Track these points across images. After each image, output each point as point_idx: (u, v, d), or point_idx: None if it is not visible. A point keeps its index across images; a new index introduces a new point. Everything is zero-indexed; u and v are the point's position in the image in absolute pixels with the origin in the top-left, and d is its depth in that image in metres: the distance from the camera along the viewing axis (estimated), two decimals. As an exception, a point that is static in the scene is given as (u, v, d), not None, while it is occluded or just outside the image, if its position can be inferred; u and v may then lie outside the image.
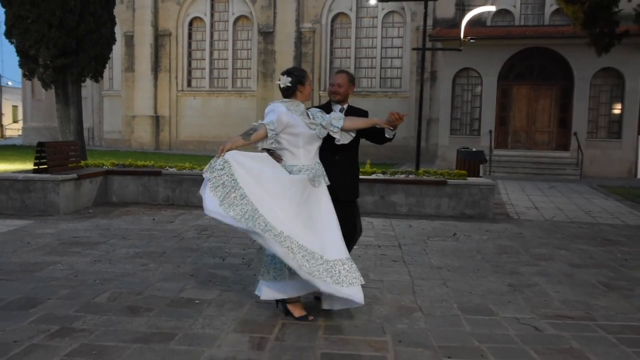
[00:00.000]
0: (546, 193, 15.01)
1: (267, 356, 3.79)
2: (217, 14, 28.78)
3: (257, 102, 27.87)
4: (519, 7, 25.22)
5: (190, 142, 28.60)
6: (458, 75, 22.99)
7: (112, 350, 3.81)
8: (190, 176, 10.77)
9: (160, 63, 28.94)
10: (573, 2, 12.79)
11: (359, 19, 27.15)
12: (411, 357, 3.85)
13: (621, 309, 5.12)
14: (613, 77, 21.85)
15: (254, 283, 5.54)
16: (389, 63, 26.89)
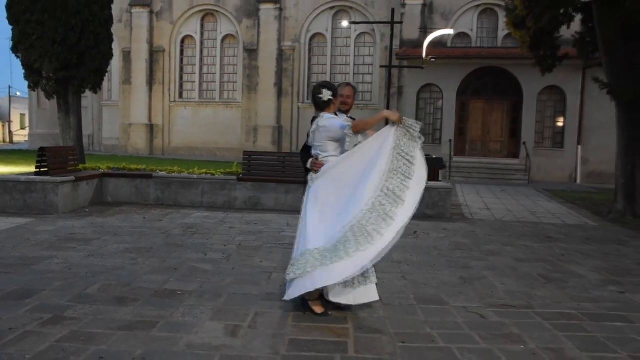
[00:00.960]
0: (498, 196, 15.15)
1: (239, 342, 3.76)
2: (206, 32, 28.62)
3: (242, 113, 27.78)
4: (475, 30, 25.46)
5: (181, 148, 28.37)
6: (422, 90, 23.16)
7: (99, 336, 3.75)
8: (178, 179, 10.69)
9: (154, 76, 28.70)
10: (521, 27, 12.92)
11: (334, 39, 27.17)
12: (369, 343, 3.85)
13: (556, 298, 5.18)
14: (557, 94, 22.18)
15: (232, 275, 5.53)
16: (361, 78, 26.94)
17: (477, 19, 25.48)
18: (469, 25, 25.46)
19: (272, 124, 27.27)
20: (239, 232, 8.00)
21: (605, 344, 4.02)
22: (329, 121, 4.49)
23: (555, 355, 3.77)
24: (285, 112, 27.31)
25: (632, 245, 8.32)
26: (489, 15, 25.29)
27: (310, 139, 4.73)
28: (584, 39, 12.99)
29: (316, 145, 4.62)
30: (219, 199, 10.61)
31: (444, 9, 25.30)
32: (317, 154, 4.62)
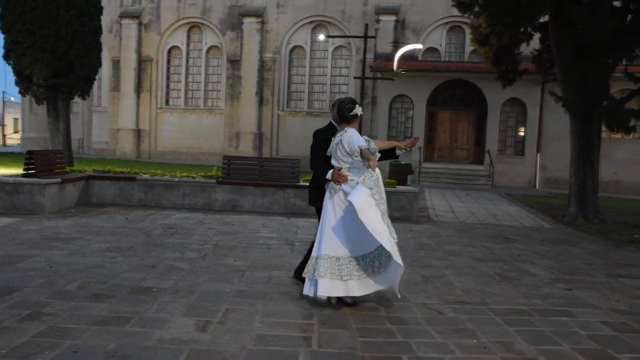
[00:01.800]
0: (462, 199, 15.28)
1: (208, 337, 3.73)
2: (192, 43, 28.45)
3: (225, 119, 27.65)
4: (444, 45, 25.76)
5: (167, 152, 28.13)
6: (394, 101, 23.27)
7: (74, 331, 3.69)
8: (161, 181, 10.59)
9: (142, 84, 28.43)
10: (484, 44, 13.08)
11: (312, 51, 27.21)
12: (332, 337, 3.85)
13: (510, 295, 5.24)
14: (518, 106, 22.48)
15: (207, 273, 5.49)
16: (337, 89, 27.00)
17: (446, 35, 25.78)
18: (438, 40, 25.73)
19: (254, 131, 27.20)
20: (217, 232, 7.95)
21: (551, 337, 4.07)
22: (355, 137, 4.47)
23: (504, 348, 3.81)
24: (266, 120, 27.26)
25: (581, 246, 8.46)
26: (457, 32, 25.58)
27: (332, 150, 4.62)
28: (542, 55, 13.20)
29: (339, 158, 4.55)
30: (199, 201, 10.53)
31: (415, 25, 25.55)
32: (339, 166, 4.56)
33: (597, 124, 11.86)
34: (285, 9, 26.93)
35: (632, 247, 8.65)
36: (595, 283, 5.94)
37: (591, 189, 11.85)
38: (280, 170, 10.88)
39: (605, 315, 4.70)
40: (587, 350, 3.83)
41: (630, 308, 4.97)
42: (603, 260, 7.33)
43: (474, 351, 3.72)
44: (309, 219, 9.66)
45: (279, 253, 6.68)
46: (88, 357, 3.30)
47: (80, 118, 29.35)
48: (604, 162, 17.54)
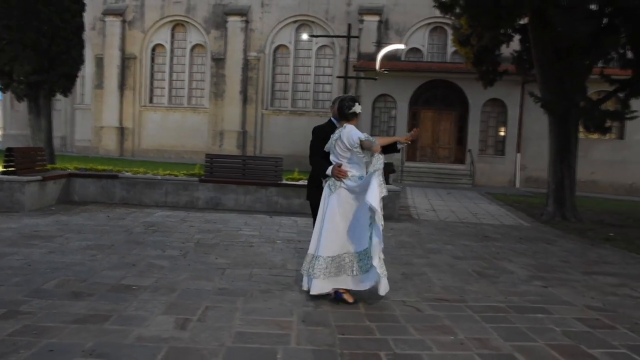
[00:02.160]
0: (444, 198, 15.37)
1: (187, 335, 3.71)
2: (176, 41, 28.25)
3: (209, 118, 27.51)
4: (426, 46, 25.90)
5: (151, 150, 27.89)
6: (377, 100, 23.34)
7: (51, 330, 3.64)
8: (143, 179, 10.51)
9: (126, 82, 28.15)
10: (465, 45, 13.17)
11: (296, 50, 27.18)
12: (311, 334, 3.84)
13: (487, 292, 5.28)
14: (499, 106, 22.68)
15: (188, 271, 5.45)
16: (321, 88, 27.02)
17: (429, 35, 25.92)
18: (420, 41, 25.86)
19: (238, 129, 27.09)
20: (198, 230, 7.91)
21: (526, 333, 4.11)
22: (354, 132, 4.52)
23: (481, 344, 3.84)
24: (250, 118, 27.17)
25: (558, 244, 8.56)
26: (439, 32, 25.73)
27: (330, 146, 4.66)
28: (522, 57, 13.32)
29: (338, 154, 4.59)
30: (181, 199, 10.47)
31: (398, 25, 25.63)
32: (339, 162, 4.59)
33: (574, 125, 12.01)
34: (269, 8, 26.86)
35: (607, 245, 8.78)
36: (570, 280, 6.01)
37: (569, 188, 12.00)
38: (263, 168, 10.86)
39: (579, 312, 4.75)
40: (561, 346, 3.88)
41: (604, 304, 5.04)
42: (579, 258, 7.42)
43: (450, 348, 3.75)
44: (292, 217, 9.67)
45: (260, 251, 6.66)
46: (65, 355, 3.26)
47: (63, 115, 28.99)
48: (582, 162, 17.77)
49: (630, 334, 4.20)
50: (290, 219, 9.52)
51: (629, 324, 4.47)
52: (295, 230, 8.37)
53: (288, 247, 7.06)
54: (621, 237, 9.70)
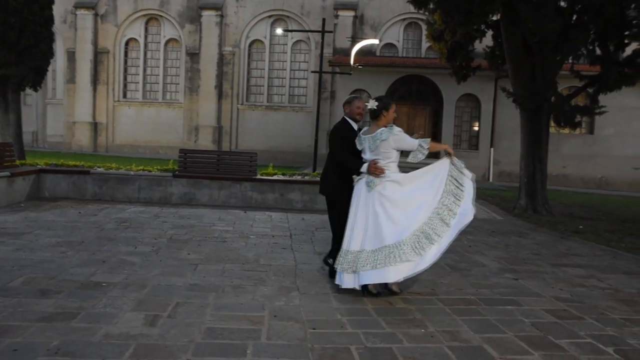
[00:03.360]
0: (418, 193, 15.43)
1: (157, 331, 3.65)
2: (150, 36, 27.82)
3: (184, 113, 27.21)
4: (401, 41, 25.98)
5: (125, 145, 27.48)
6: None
7: (16, 329, 3.55)
8: (115, 175, 10.36)
9: (99, 76, 27.63)
10: (439, 40, 13.24)
11: (272, 45, 27.01)
12: (282, 329, 3.82)
13: (459, 285, 5.33)
14: (473, 101, 22.88)
15: (159, 267, 5.38)
16: (296, 83, 26.93)
17: (403, 31, 26.00)
18: (395, 36, 25.94)
19: (213, 124, 26.85)
20: (172, 226, 7.81)
21: (496, 325, 4.16)
22: (403, 134, 4.88)
23: (451, 337, 3.87)
24: (225, 113, 26.95)
25: (530, 237, 8.68)
26: (414, 28, 25.83)
27: (369, 145, 4.83)
28: (494, 52, 13.45)
29: (381, 152, 4.81)
30: (155, 195, 10.34)
31: (373, 20, 25.66)
32: (376, 159, 4.81)
33: (545, 120, 12.18)
34: (244, 3, 26.63)
35: (576, 237, 8.93)
36: (540, 272, 6.10)
37: (540, 182, 12.17)
38: (238, 163, 10.79)
39: (548, 303, 4.82)
40: (529, 337, 3.93)
41: (572, 295, 5.12)
42: (549, 251, 7.53)
43: (421, 340, 3.76)
44: (266, 212, 9.63)
45: (233, 246, 6.61)
46: (29, 354, 3.18)
47: (34, 110, 28.36)
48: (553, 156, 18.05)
49: (596, 324, 4.28)
50: (264, 214, 9.47)
51: (595, 314, 4.55)
52: (269, 225, 8.33)
53: (262, 242, 7.02)
54: (590, 229, 9.88)
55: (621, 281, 5.83)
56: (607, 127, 22.34)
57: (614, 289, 5.48)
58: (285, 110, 26.66)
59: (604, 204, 15.66)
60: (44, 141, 28.87)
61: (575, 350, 3.70)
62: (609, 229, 10.06)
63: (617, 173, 22.81)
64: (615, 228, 10.31)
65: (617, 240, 8.84)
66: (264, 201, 10.37)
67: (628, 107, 21.93)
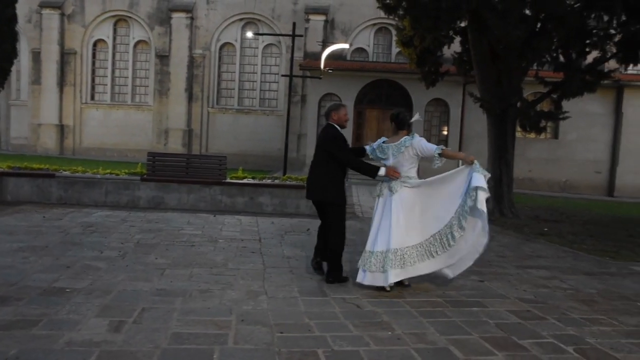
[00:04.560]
0: (388, 196, 15.52)
1: (121, 337, 3.59)
2: (119, 37, 27.42)
3: (153, 116, 26.88)
4: (372, 46, 26.20)
5: (92, 148, 26.98)
6: (323, 99, 23.37)
7: (-26, 337, 3.45)
8: (82, 179, 10.16)
9: (65, 78, 27.09)
10: (408, 46, 13.39)
11: (243, 49, 26.91)
12: (249, 334, 3.80)
13: (426, 288, 5.37)
14: (442, 106, 23.18)
15: (125, 272, 5.29)
16: (267, 86, 26.88)
17: (374, 36, 26.22)
18: (366, 41, 26.14)
19: (183, 127, 26.58)
20: (139, 230, 7.70)
21: (461, 327, 4.21)
22: (424, 141, 5.27)
23: (417, 339, 3.90)
24: (196, 116, 26.72)
25: (496, 239, 8.79)
26: (384, 33, 26.07)
27: (392, 152, 5.26)
28: (462, 58, 13.67)
29: (405, 159, 5.23)
30: (122, 199, 10.18)
31: (344, 25, 25.81)
32: (395, 165, 5.25)
33: (511, 124, 12.42)
34: (215, 5, 26.48)
35: (541, 239, 9.13)
36: (505, 274, 6.20)
37: (506, 186, 12.40)
38: (207, 167, 10.71)
39: (512, 305, 4.91)
40: (494, 338, 3.99)
41: (535, 296, 5.23)
42: (514, 253, 7.67)
43: (388, 343, 3.79)
44: (236, 216, 9.57)
45: (201, 250, 6.55)
46: (-13, 363, 3.09)
47: (-4, 112, 27.66)
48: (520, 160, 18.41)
49: (558, 324, 4.37)
50: (234, 217, 9.41)
51: (557, 314, 4.65)
52: (238, 229, 8.28)
53: (230, 246, 6.97)
54: (555, 232, 10.11)
55: (582, 282, 5.98)
56: (570, 132, 22.90)
57: (575, 289, 5.62)
58: (256, 113, 26.59)
59: (567, 207, 16.04)
60: (7, 143, 28.15)
61: (537, 350, 3.78)
62: (572, 231, 10.31)
63: (580, 176, 23.40)
64: (577, 230, 10.57)
65: (579, 242, 9.06)
66: (233, 205, 10.30)
67: (590, 113, 22.54)
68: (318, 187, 5.40)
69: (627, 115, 23.10)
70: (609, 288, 5.75)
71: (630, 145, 23.09)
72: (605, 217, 13.88)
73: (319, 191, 5.39)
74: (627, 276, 6.46)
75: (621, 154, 23.20)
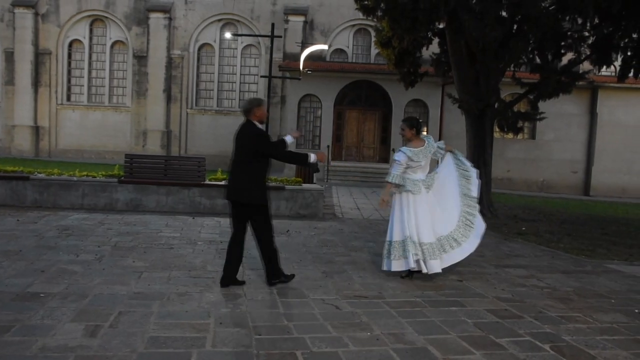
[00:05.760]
0: (368, 197, 15.60)
1: (97, 342, 3.54)
2: (95, 37, 27.07)
3: (132, 117, 26.59)
4: (351, 47, 26.28)
5: (69, 150, 26.59)
6: (303, 100, 23.39)
7: (-56, 344, 3.38)
8: (58, 181, 10.00)
9: (40, 78, 26.65)
10: (387, 47, 13.46)
11: (221, 49, 26.78)
12: (227, 336, 3.78)
13: (405, 288, 5.40)
14: (421, 106, 23.33)
15: (102, 276, 5.22)
16: (246, 87, 26.78)
17: (353, 37, 26.31)
18: (345, 42, 26.21)
19: (162, 129, 26.35)
20: (116, 233, 7.60)
21: (440, 326, 4.24)
22: None
23: (396, 339, 3.92)
24: (175, 117, 26.51)
25: (474, 239, 8.89)
26: (363, 34, 26.17)
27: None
28: (440, 59, 13.78)
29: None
30: (100, 201, 10.04)
31: (323, 26, 25.85)
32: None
33: (489, 125, 12.56)
34: (193, 6, 26.31)
35: (519, 239, 9.24)
36: (484, 274, 6.27)
37: (485, 185, 12.48)
38: (186, 168, 10.62)
39: (490, 304, 4.96)
40: (472, 337, 4.02)
41: (513, 295, 5.29)
42: (492, 252, 7.76)
43: (366, 344, 3.80)
44: (215, 218, 9.51)
45: (180, 253, 6.49)
46: (-43, 371, 3.03)
47: (-31, 113, 27.11)
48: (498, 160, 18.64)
49: (534, 322, 4.43)
50: (213, 219, 9.35)
51: (534, 312, 4.71)
52: (217, 231, 8.23)
53: (209, 248, 6.93)
54: (532, 231, 10.24)
55: (559, 280, 6.07)
56: (547, 132, 23.26)
57: (552, 287, 5.70)
58: (235, 114, 26.45)
59: (545, 206, 16.28)
60: (-20, 145, 27.61)
61: (514, 348, 3.82)
62: (549, 230, 10.46)
63: (558, 176, 23.77)
64: (554, 229, 10.73)
65: (556, 240, 9.20)
66: (212, 207, 10.24)
67: (566, 114, 22.92)
68: (242, 189, 4.99)
69: (601, 115, 23.55)
70: (584, 286, 5.85)
71: (605, 145, 23.55)
72: (581, 216, 14.12)
73: (243, 193, 4.98)
74: (601, 274, 6.57)
75: (596, 154, 23.64)
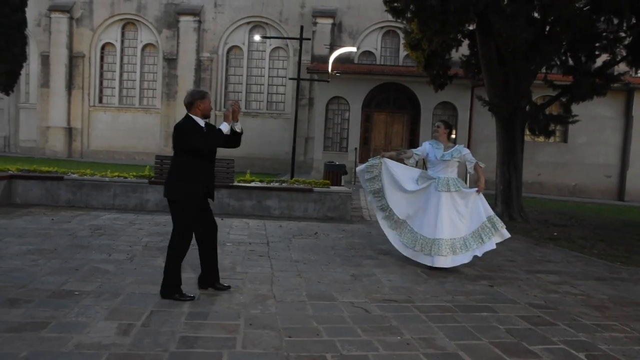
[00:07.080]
0: (395, 200, 15.50)
1: (129, 340, 3.60)
2: (127, 40, 27.56)
3: (161, 119, 26.95)
4: (379, 49, 26.18)
5: (100, 151, 27.12)
6: (331, 102, 23.38)
7: (-17, 340, 3.47)
8: (90, 181, 10.20)
9: (74, 81, 27.26)
10: (416, 49, 13.36)
11: (250, 52, 26.98)
12: (257, 338, 3.80)
13: (435, 292, 5.35)
14: (449, 109, 23.09)
15: (134, 275, 5.30)
16: (274, 90, 26.92)
17: (381, 39, 26.21)
18: (373, 44, 26.13)
19: (191, 130, 26.59)
20: (147, 233, 7.72)
21: (471, 332, 4.19)
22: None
23: (426, 344, 3.88)
24: (203, 119, 26.72)
25: (505, 244, 8.66)
26: (392, 36, 26.06)
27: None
28: (470, 61, 13.63)
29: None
30: (130, 201, 10.21)
31: (351, 28, 25.83)
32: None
33: (520, 128, 12.37)
34: (222, 9, 26.57)
35: (550, 244, 9.07)
36: (515, 279, 6.17)
37: (515, 189, 12.34)
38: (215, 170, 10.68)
39: (522, 310, 4.88)
40: (504, 343, 3.96)
41: (545, 302, 5.19)
42: (523, 257, 7.64)
43: (397, 348, 3.77)
44: (243, 219, 9.58)
45: (209, 254, 6.54)
46: (-3, 366, 3.11)
47: (6, 115, 27.85)
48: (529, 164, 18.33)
49: (568, 330, 4.34)
50: (242, 221, 9.42)
51: (567, 320, 4.62)
52: (246, 232, 8.28)
53: (238, 249, 6.97)
54: (564, 236, 10.04)
55: (593, 287, 5.94)
56: (580, 135, 22.77)
57: (586, 295, 5.57)
58: (263, 116, 26.64)
59: (577, 211, 15.94)
60: (16, 146, 28.34)
61: (548, 356, 3.75)
62: (581, 236, 10.24)
63: (590, 181, 23.24)
64: (587, 235, 10.50)
65: (589, 246, 9.00)
66: (241, 208, 10.31)
67: (600, 117, 22.41)
68: (165, 183, 4.84)
69: (637, 118, 22.93)
70: (620, 294, 5.71)
71: (640, 149, 22.94)
72: (615, 222, 13.79)
73: (165, 187, 4.82)
74: (638, 282, 6.41)
75: (631, 158, 23.03)
